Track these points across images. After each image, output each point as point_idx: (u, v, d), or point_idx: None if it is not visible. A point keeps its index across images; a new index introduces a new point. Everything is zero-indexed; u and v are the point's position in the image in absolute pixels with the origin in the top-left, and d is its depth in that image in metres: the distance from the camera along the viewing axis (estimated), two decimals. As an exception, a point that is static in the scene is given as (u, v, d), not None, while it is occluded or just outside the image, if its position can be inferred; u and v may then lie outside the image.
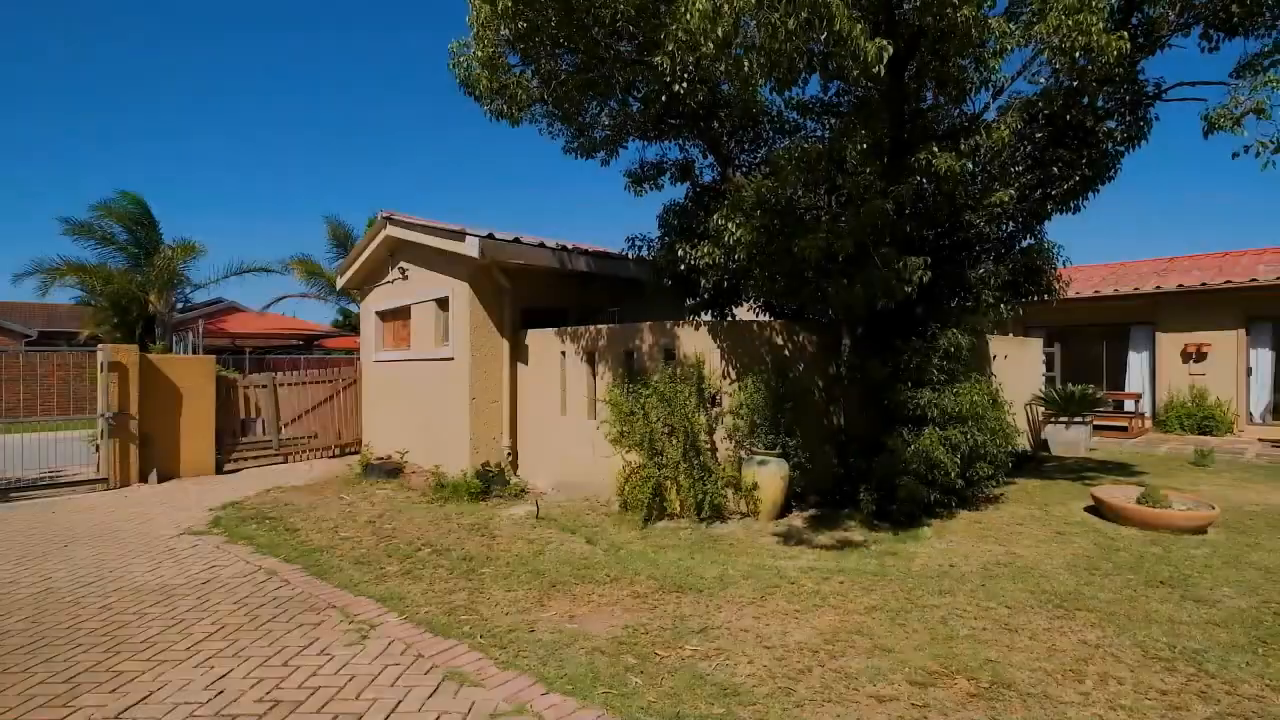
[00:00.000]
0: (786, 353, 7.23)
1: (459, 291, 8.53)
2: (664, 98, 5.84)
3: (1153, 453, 10.89)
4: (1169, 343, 13.76)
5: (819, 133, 7.25)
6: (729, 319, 7.76)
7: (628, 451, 6.67)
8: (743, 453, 6.83)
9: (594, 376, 7.76)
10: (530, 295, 9.00)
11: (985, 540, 5.66)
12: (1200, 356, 13.33)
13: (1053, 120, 6.48)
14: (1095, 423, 11.67)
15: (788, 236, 5.58)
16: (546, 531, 6.04)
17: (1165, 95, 6.20)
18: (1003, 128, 5.59)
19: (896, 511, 6.23)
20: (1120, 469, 9.23)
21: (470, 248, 7.77)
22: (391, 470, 8.79)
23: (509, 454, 8.62)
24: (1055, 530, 5.93)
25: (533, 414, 8.58)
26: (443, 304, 9.06)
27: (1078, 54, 4.91)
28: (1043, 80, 6.45)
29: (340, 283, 11.72)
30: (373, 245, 10.18)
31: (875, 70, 3.78)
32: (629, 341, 7.35)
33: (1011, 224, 7.03)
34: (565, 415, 8.05)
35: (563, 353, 8.07)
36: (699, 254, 6.39)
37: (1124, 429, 12.85)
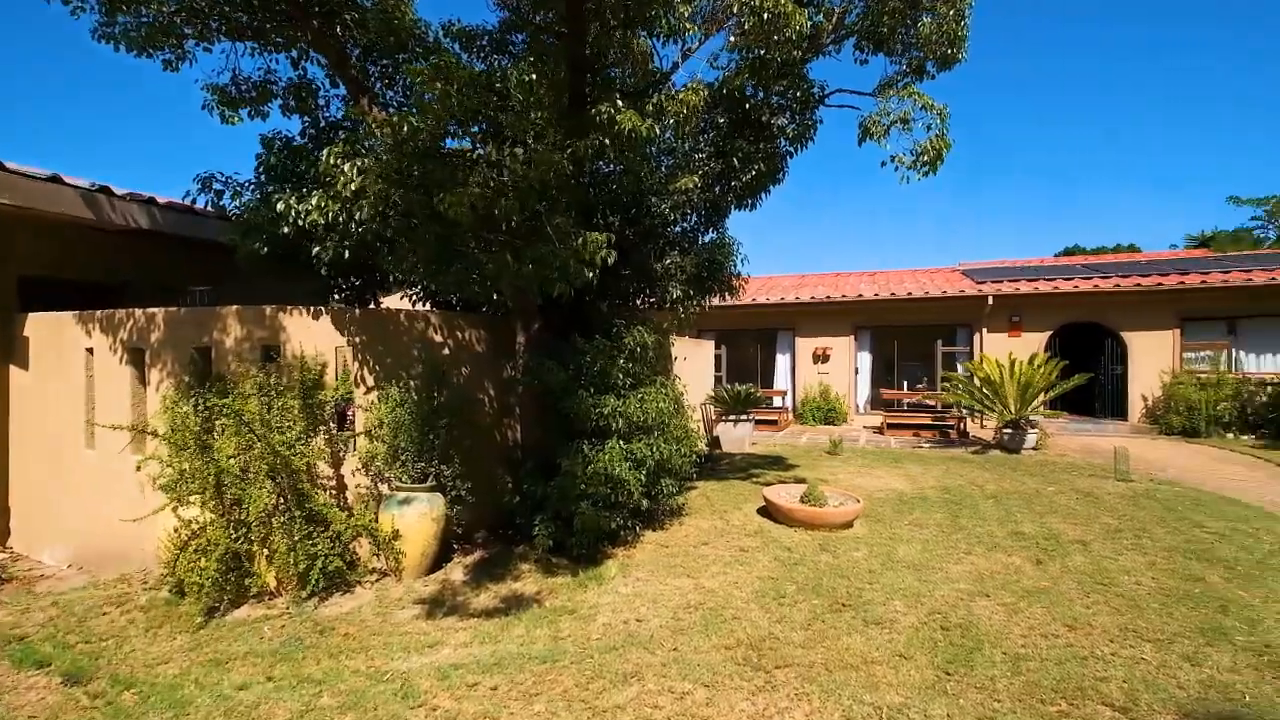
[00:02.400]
0: (447, 352, 5.62)
1: None
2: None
3: (797, 444, 12.14)
4: (804, 346, 15.95)
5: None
6: (369, 306, 5.82)
7: (182, 505, 4.28)
8: (384, 488, 5.02)
9: (146, 386, 5.05)
10: (44, 262, 5.73)
11: (673, 572, 4.86)
12: (825, 358, 15.71)
13: (734, 109, 6.15)
14: (755, 418, 12.66)
15: (431, 189, 3.97)
16: (-18, 673, 3.36)
17: (828, 100, 6.31)
18: (691, 93, 4.86)
19: (576, 544, 5.13)
20: (778, 462, 9.83)
21: None
22: None
23: (-14, 516, 5.27)
24: (738, 547, 5.47)
25: (39, 447, 5.38)
26: None
27: (765, 15, 4.34)
28: (723, 66, 6.08)
29: None
30: None
31: None
32: (205, 333, 4.89)
33: (695, 215, 6.60)
34: (95, 448, 5.13)
35: (90, 350, 5.14)
36: (307, 208, 4.37)
37: (775, 423, 14.36)
